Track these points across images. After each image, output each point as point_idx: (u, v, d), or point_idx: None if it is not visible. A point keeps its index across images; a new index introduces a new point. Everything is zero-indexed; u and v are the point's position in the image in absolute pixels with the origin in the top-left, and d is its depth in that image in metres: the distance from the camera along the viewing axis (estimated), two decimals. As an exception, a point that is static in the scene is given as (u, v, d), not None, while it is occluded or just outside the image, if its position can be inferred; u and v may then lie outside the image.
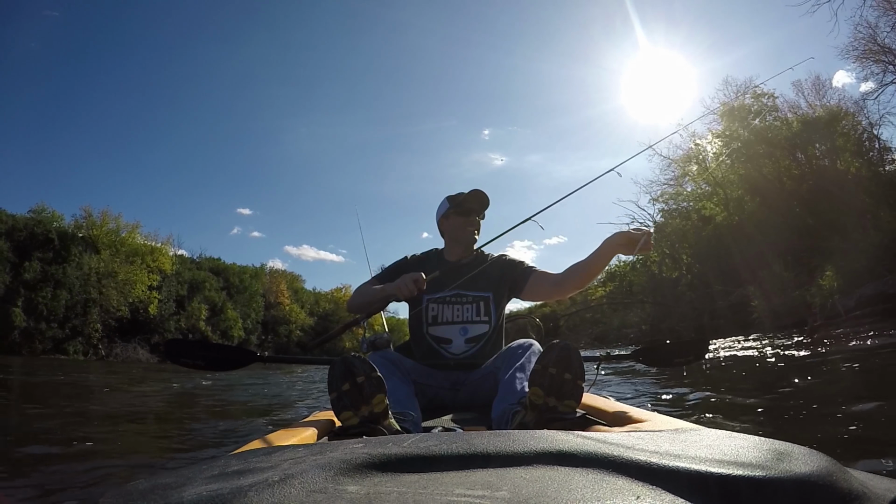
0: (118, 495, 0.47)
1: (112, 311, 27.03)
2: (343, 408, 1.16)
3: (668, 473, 0.48)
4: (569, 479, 0.48)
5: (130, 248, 29.00)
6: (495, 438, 0.57)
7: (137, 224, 30.01)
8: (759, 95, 20.20)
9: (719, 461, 0.50)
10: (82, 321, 26.09)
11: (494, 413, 1.40)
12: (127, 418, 4.22)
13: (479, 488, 0.45)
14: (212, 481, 0.48)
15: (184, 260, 34.18)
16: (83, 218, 28.52)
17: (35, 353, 23.56)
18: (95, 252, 27.45)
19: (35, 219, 27.07)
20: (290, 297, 41.03)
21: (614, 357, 2.21)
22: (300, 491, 0.45)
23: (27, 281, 24.57)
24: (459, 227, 1.93)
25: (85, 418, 4.15)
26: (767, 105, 20.08)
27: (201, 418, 4.24)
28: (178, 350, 2.01)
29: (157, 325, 29.31)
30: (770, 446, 0.55)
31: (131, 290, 27.70)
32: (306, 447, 0.61)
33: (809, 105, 19.31)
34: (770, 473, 0.47)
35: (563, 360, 1.16)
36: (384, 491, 0.45)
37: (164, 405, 5.33)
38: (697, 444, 0.57)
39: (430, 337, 1.90)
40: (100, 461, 2.38)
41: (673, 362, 2.20)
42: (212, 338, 31.81)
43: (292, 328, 39.92)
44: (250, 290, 37.32)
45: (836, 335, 8.55)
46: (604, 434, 0.63)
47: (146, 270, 28.75)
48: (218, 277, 35.48)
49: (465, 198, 1.94)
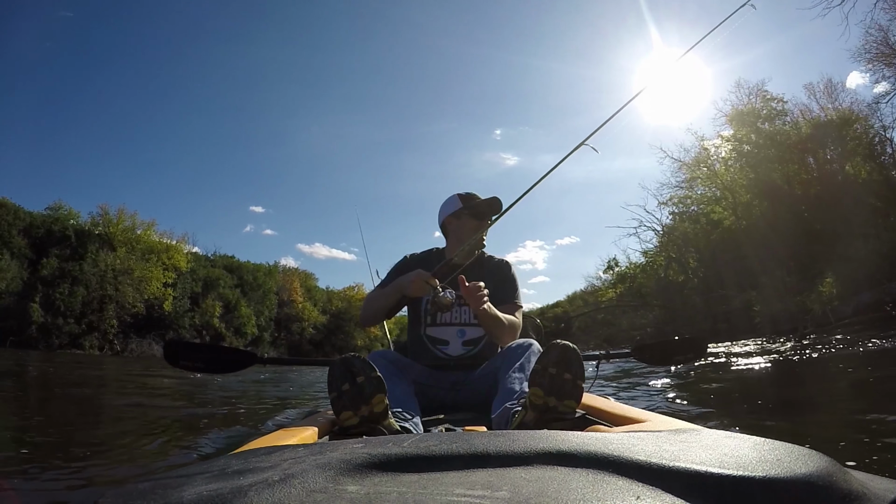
0: (118, 495, 0.47)
1: (128, 307, 27.38)
2: (343, 408, 1.16)
3: (668, 473, 0.48)
4: (569, 479, 0.48)
5: (146, 245, 29.38)
6: (495, 438, 0.57)
7: (153, 222, 30.43)
8: (768, 99, 20.05)
9: (719, 462, 0.50)
10: (98, 317, 26.48)
11: (494, 413, 1.40)
12: (129, 413, 4.25)
13: (479, 488, 0.45)
14: (212, 481, 0.48)
15: (198, 257, 34.55)
16: (100, 216, 28.97)
17: (52, 348, 23.89)
18: (112, 249, 27.85)
19: (52, 216, 27.61)
20: (303, 295, 41.22)
21: (613, 355, 2.21)
22: (300, 491, 0.45)
23: (44, 277, 24.96)
24: (471, 231, 1.91)
25: (89, 413, 4.20)
26: (777, 109, 19.93)
27: (203, 417, 4.23)
28: (176, 351, 2.00)
29: (171, 322, 29.67)
30: (770, 447, 0.55)
31: (147, 286, 28.03)
32: (306, 447, 0.61)
33: (822, 108, 19.07)
34: (770, 474, 0.47)
35: (562, 360, 1.16)
36: (384, 491, 0.45)
37: (168, 401, 5.36)
38: (697, 444, 0.56)
39: (426, 337, 1.89)
40: (100, 459, 2.38)
41: (672, 360, 2.20)
42: (225, 335, 32.47)
43: (305, 326, 40.14)
44: (264, 288, 37.61)
45: (828, 342, 8.58)
46: (604, 434, 0.63)
47: (161, 268, 29.09)
48: (232, 275, 35.83)
49: (484, 202, 1.92)
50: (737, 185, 20.24)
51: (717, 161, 21.37)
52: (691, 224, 22.96)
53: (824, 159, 18.21)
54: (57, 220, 27.38)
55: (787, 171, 18.48)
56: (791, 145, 18.32)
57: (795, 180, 18.43)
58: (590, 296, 33.90)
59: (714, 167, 21.31)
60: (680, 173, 22.78)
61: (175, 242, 31.20)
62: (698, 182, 22.21)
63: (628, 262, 26.37)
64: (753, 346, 10.49)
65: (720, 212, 20.88)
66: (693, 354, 2.18)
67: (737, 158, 20.28)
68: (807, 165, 18.65)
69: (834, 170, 17.82)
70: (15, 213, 26.18)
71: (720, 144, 20.98)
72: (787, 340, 10.43)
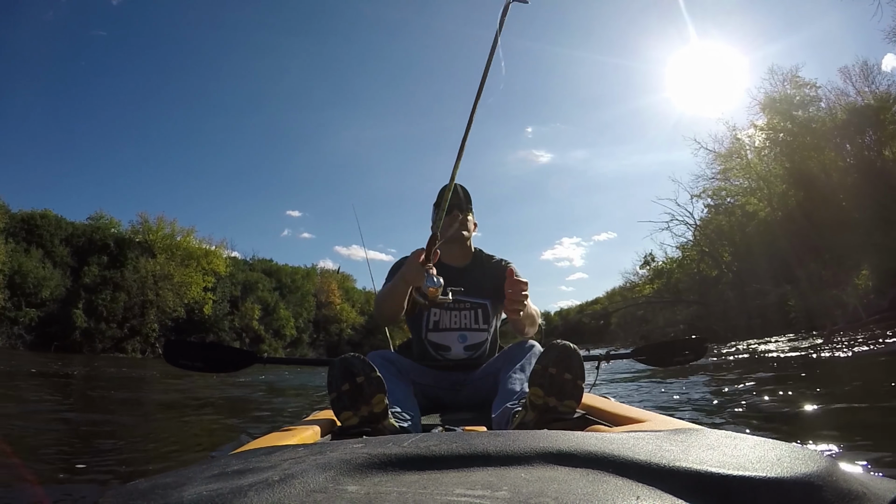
0: (118, 495, 0.47)
1: (168, 311, 28.16)
2: (343, 408, 1.15)
3: (668, 473, 0.48)
4: (569, 479, 0.48)
5: (185, 251, 30.13)
6: (495, 438, 0.57)
7: (192, 229, 31.33)
8: (800, 85, 19.41)
9: (719, 462, 0.50)
10: (140, 321, 27.36)
11: (494, 413, 1.40)
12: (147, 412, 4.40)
13: (479, 488, 0.45)
14: (212, 481, 0.48)
15: (237, 262, 35.41)
16: (139, 224, 30.02)
17: (95, 352, 24.78)
18: (152, 256, 28.76)
19: (93, 225, 28.84)
20: (341, 296, 41.72)
21: (614, 356, 2.21)
22: (300, 491, 0.45)
23: (87, 284, 26.07)
24: (446, 228, 1.91)
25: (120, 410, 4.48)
26: (809, 95, 19.21)
27: (205, 417, 4.25)
28: (176, 351, 1.99)
29: (212, 325, 30.45)
30: (770, 447, 0.55)
31: (187, 291, 28.79)
32: (306, 447, 0.61)
33: (858, 92, 18.24)
34: (770, 474, 0.47)
35: (563, 360, 1.16)
36: (384, 491, 0.45)
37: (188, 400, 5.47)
38: (697, 444, 0.56)
39: (428, 343, 1.88)
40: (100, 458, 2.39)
41: (673, 361, 2.20)
42: (265, 336, 33.36)
43: (343, 327, 40.71)
44: (302, 291, 38.23)
45: (855, 339, 8.37)
46: (604, 434, 0.63)
47: (201, 272, 29.88)
48: (270, 278, 36.55)
49: (440, 196, 1.91)
50: (772, 175, 19.68)
51: (750, 151, 20.72)
52: (726, 217, 22.36)
53: (862, 145, 17.44)
54: (98, 230, 28.63)
55: (824, 158, 17.82)
56: (826, 132, 17.60)
57: (832, 168, 17.71)
58: (628, 292, 33.35)
59: (748, 157, 20.63)
60: (714, 165, 22.16)
61: (214, 248, 32.04)
62: (732, 173, 21.56)
63: (665, 257, 25.96)
64: (780, 343, 10.21)
65: (755, 203, 20.27)
66: (693, 355, 2.18)
67: (771, 147, 19.69)
68: (844, 152, 17.90)
69: (872, 156, 17.13)
70: (57, 224, 27.29)
71: (754, 134, 20.36)
72: (817, 337, 10.14)
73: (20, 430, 3.10)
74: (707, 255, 23.12)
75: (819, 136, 17.94)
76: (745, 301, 18.40)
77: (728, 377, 5.40)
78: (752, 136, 20.69)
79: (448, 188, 1.50)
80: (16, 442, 2.60)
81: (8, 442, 2.43)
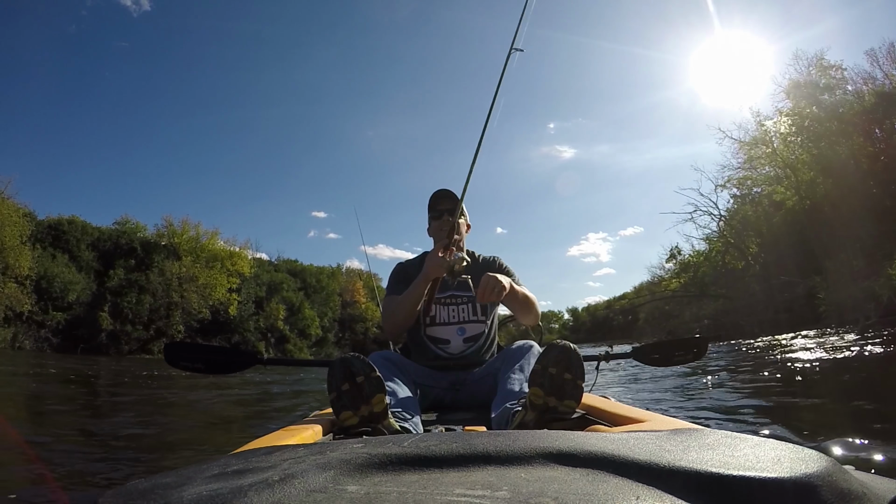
0: (118, 495, 0.47)
1: (194, 312, 28.32)
2: (343, 408, 1.16)
3: (667, 473, 0.48)
4: (569, 478, 0.48)
5: (210, 253, 30.21)
6: (495, 438, 0.57)
7: (217, 231, 31.40)
8: (825, 68, 18.89)
9: (719, 462, 0.50)
10: (165, 323, 27.54)
11: (494, 413, 1.40)
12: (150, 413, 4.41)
13: (479, 488, 0.45)
14: (212, 481, 0.48)
15: (262, 263, 35.43)
16: (164, 227, 30.13)
17: (122, 354, 25.02)
18: (177, 258, 28.88)
19: (119, 230, 29.21)
20: (367, 295, 41.73)
21: (614, 356, 2.21)
22: (300, 491, 0.45)
23: (112, 287, 26.35)
24: (437, 231, 1.95)
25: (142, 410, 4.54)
26: (835, 78, 18.70)
27: (205, 417, 4.25)
28: (176, 353, 1.99)
29: (237, 326, 30.67)
30: (770, 447, 0.55)
31: (212, 292, 28.89)
32: (306, 447, 0.61)
33: (886, 75, 17.74)
34: (770, 474, 0.47)
35: (562, 360, 1.16)
36: (384, 491, 0.45)
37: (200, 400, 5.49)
38: (697, 444, 0.56)
39: (427, 338, 1.91)
40: (101, 456, 2.39)
41: (673, 361, 2.19)
42: (290, 336, 33.57)
43: (369, 325, 40.71)
44: (327, 290, 38.35)
45: (892, 333, 8.01)
46: (604, 434, 0.63)
47: (226, 274, 29.96)
48: (295, 278, 36.63)
49: (433, 201, 1.99)
50: (799, 163, 19.00)
51: (776, 138, 20.07)
52: (752, 207, 21.74)
53: (892, 130, 16.94)
54: (124, 234, 29.03)
55: (852, 144, 17.19)
56: (854, 117, 16.94)
57: (861, 154, 17.10)
58: (655, 287, 33.05)
59: (774, 145, 19.97)
60: (740, 154, 21.55)
61: (238, 249, 32.10)
62: (758, 162, 20.93)
63: (691, 250, 25.62)
64: (807, 338, 9.72)
65: (782, 192, 19.57)
66: (693, 355, 2.18)
67: (797, 133, 19.06)
68: (873, 137, 17.31)
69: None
70: (83, 229, 27.66)
71: (779, 120, 19.70)
72: (846, 332, 9.68)
73: (25, 431, 3.11)
74: (733, 247, 22.54)
75: (847, 121, 17.32)
76: (772, 294, 17.87)
77: (741, 376, 5.35)
78: (777, 124, 20.02)
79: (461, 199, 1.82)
80: (21, 442, 2.61)
81: (14, 442, 2.44)
